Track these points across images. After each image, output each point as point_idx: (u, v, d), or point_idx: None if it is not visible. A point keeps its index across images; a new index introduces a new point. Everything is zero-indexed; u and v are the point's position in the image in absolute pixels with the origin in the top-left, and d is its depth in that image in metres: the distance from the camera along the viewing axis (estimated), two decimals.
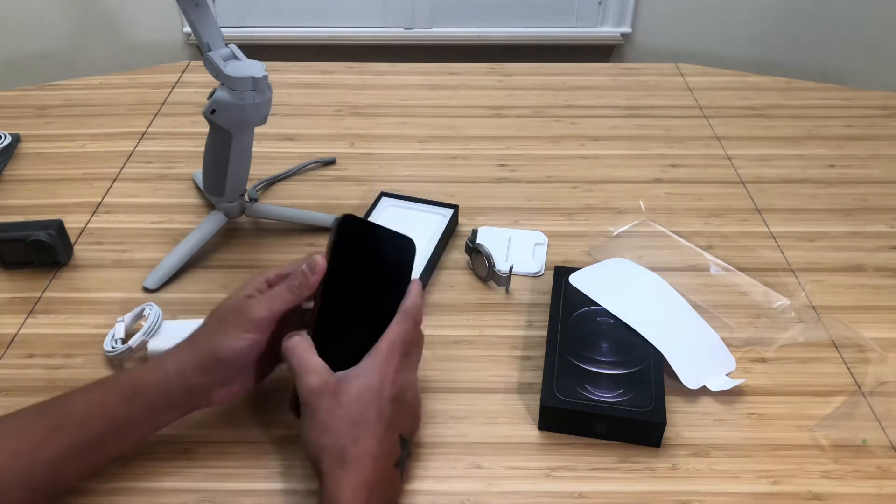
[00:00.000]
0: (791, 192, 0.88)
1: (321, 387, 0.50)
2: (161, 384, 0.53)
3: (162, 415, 0.53)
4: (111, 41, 2.07)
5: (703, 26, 2.06)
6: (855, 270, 0.76)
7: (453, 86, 1.10)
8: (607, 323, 0.66)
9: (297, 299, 0.54)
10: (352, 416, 0.50)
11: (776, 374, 0.65)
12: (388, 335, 0.53)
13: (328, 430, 0.49)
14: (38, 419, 0.51)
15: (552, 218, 0.83)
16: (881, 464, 0.57)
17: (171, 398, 0.53)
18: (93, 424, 0.51)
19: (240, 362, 0.53)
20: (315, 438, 0.50)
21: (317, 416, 0.50)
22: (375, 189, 0.85)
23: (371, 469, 0.49)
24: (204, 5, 0.67)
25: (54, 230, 0.73)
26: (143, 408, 0.52)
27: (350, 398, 0.50)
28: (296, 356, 0.51)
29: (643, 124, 1.01)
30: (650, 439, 0.58)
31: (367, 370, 0.51)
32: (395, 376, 0.52)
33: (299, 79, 1.12)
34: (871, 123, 1.01)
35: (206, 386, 0.53)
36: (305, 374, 0.50)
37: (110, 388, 0.53)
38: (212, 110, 0.69)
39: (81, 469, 0.52)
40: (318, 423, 0.50)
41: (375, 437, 0.50)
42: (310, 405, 0.50)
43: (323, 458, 0.49)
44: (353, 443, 0.49)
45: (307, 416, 0.50)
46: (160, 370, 0.53)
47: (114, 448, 0.53)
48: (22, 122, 1.00)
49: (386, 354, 0.52)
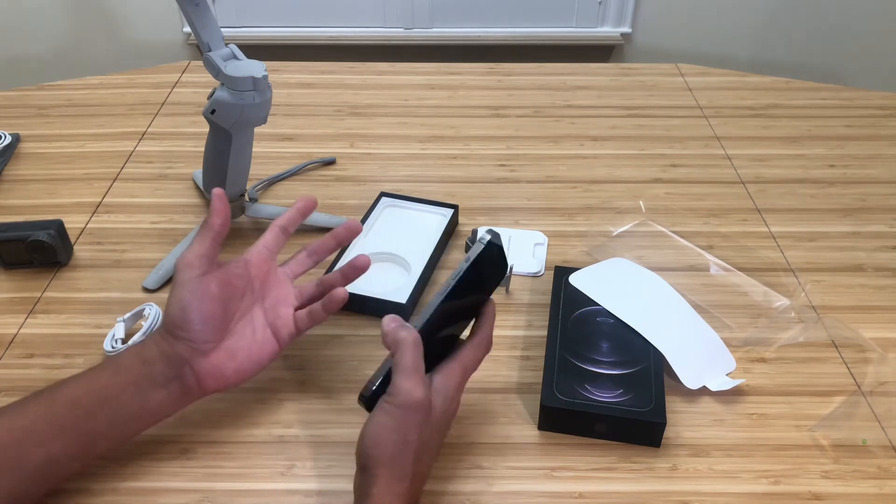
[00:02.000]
0: (791, 192, 0.88)
1: (424, 402, 0.49)
2: (140, 354, 0.54)
3: (149, 390, 0.53)
4: (111, 41, 2.07)
5: (703, 26, 2.06)
6: (855, 270, 0.76)
7: (453, 86, 1.10)
8: (607, 323, 0.66)
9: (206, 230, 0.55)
10: (428, 437, 0.49)
11: (776, 374, 0.65)
12: (464, 358, 0.53)
13: (406, 443, 0.48)
14: (32, 400, 0.51)
15: (552, 218, 0.83)
16: (881, 464, 0.57)
17: (151, 368, 0.53)
18: (82, 401, 0.51)
19: (193, 314, 0.53)
20: (388, 444, 0.48)
21: (404, 425, 0.48)
22: (375, 189, 0.85)
23: (419, 487, 0.50)
24: (204, 5, 0.67)
25: (54, 230, 0.73)
26: (127, 381, 0.53)
27: (436, 420, 0.50)
28: (410, 356, 0.49)
29: (643, 124, 1.01)
30: (650, 439, 0.58)
31: (446, 391, 0.51)
32: (457, 404, 0.53)
33: (299, 79, 1.12)
34: (870, 123, 1.01)
35: (181, 352, 0.53)
36: (416, 381, 0.49)
37: (100, 366, 0.54)
38: (212, 110, 0.69)
39: (72, 450, 0.51)
40: (402, 433, 0.48)
41: (432, 458, 0.51)
42: (403, 411, 0.48)
43: (386, 465, 0.48)
44: (417, 462, 0.49)
45: (391, 417, 0.48)
46: (139, 344, 0.55)
47: (105, 428, 0.52)
48: (22, 122, 1.00)
49: (461, 379, 0.52)
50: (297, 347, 0.67)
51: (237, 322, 0.57)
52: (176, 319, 0.53)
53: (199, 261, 0.54)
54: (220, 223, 0.56)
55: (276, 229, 0.61)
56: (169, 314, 0.54)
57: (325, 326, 0.69)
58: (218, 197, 0.56)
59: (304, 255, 0.62)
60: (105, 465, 0.56)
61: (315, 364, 0.65)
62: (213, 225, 0.56)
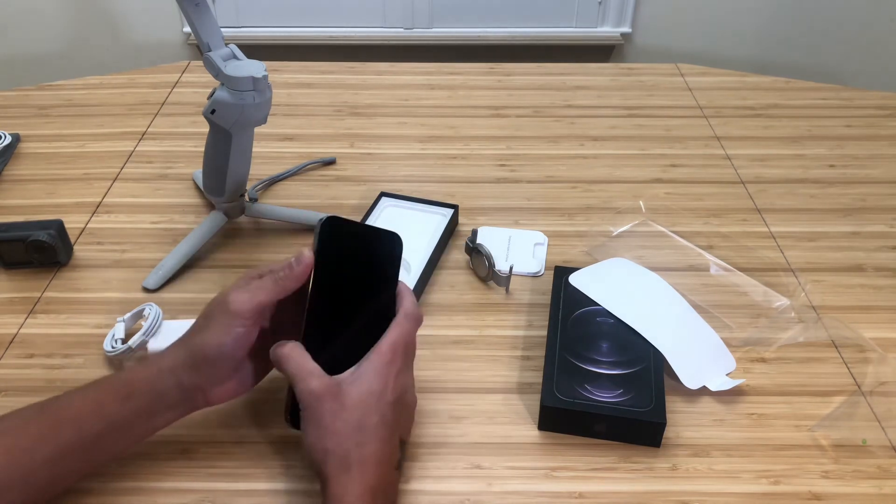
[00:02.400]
0: (791, 192, 0.88)
1: (323, 390, 0.49)
2: (154, 383, 0.52)
3: (158, 415, 0.53)
4: (111, 41, 2.07)
5: (703, 26, 2.06)
6: (855, 270, 0.76)
7: (453, 86, 1.10)
8: (607, 323, 0.66)
9: (282, 291, 0.53)
10: (356, 419, 0.49)
11: (776, 374, 0.65)
12: (389, 337, 0.52)
13: (333, 434, 0.49)
14: (36, 418, 0.51)
15: (552, 218, 0.83)
16: (881, 464, 0.57)
17: (164, 397, 0.52)
18: (89, 424, 0.51)
19: (229, 358, 0.53)
20: (318, 443, 0.49)
21: (320, 420, 0.49)
22: (375, 189, 0.85)
23: (375, 473, 0.49)
24: (204, 5, 0.67)
25: (54, 230, 0.73)
26: (138, 408, 0.52)
27: (353, 401, 0.50)
28: (292, 361, 0.50)
29: (643, 124, 1.01)
30: (650, 439, 0.58)
31: (369, 373, 0.51)
32: (396, 378, 0.52)
33: (299, 79, 1.12)
34: (870, 123, 1.01)
35: (199, 384, 0.53)
36: (306, 378, 0.50)
37: (106, 388, 0.52)
38: (212, 110, 0.69)
39: (78, 468, 0.52)
40: (322, 428, 0.49)
41: (379, 441, 0.50)
42: (312, 409, 0.49)
43: (327, 462, 0.48)
44: (357, 447, 0.49)
45: (309, 421, 0.50)
46: (153, 369, 0.53)
47: (111, 448, 0.53)
48: (22, 122, 1.00)
49: (388, 356, 0.52)
50: None
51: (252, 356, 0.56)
52: (209, 358, 0.52)
53: (253, 313, 0.52)
54: (293, 287, 0.53)
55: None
56: (203, 350, 0.52)
57: None
58: (307, 265, 0.53)
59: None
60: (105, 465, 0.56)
61: None
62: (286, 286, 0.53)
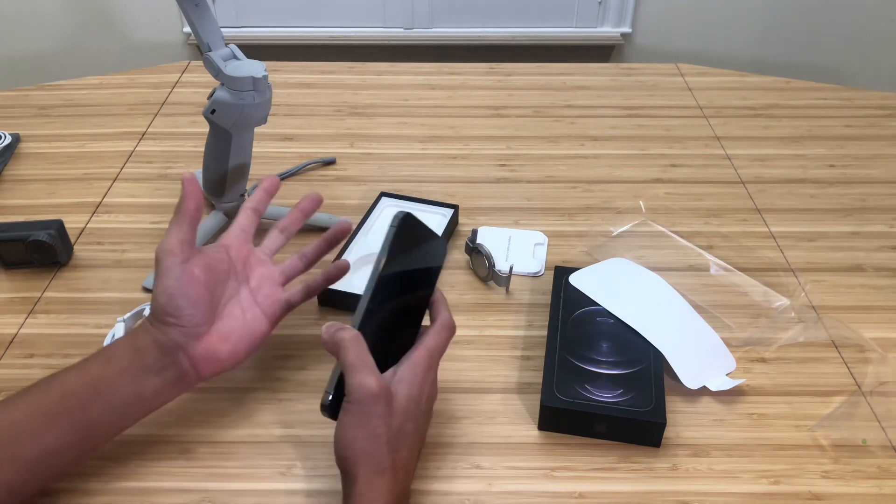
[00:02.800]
0: (791, 192, 0.88)
1: (380, 391, 0.48)
2: (131, 343, 0.54)
3: (142, 378, 0.53)
4: (111, 41, 2.07)
5: (703, 26, 2.06)
6: (855, 270, 0.76)
7: (453, 86, 1.10)
8: (607, 323, 0.66)
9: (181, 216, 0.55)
10: (398, 424, 0.49)
11: (776, 374, 0.65)
12: (427, 344, 0.52)
13: (376, 437, 0.48)
14: (25, 393, 0.51)
15: (552, 218, 0.83)
16: (881, 464, 0.57)
17: (143, 356, 0.53)
18: (74, 392, 0.51)
19: (181, 300, 0.53)
20: (358, 441, 0.48)
21: (368, 419, 0.48)
22: (375, 189, 0.85)
23: (403, 480, 0.49)
24: (204, 5, 0.67)
25: (54, 230, 0.73)
26: (119, 370, 0.53)
27: (400, 407, 0.49)
28: (353, 351, 0.49)
29: (643, 124, 1.01)
30: (650, 439, 0.58)
31: (409, 378, 0.51)
32: (430, 388, 0.52)
33: (299, 79, 1.12)
34: (870, 123, 1.01)
35: (173, 338, 0.53)
36: (365, 374, 0.49)
37: (91, 358, 0.54)
38: (212, 110, 0.69)
39: (68, 442, 0.51)
40: (367, 427, 0.48)
41: (410, 448, 0.50)
42: (362, 405, 0.48)
43: (361, 462, 0.48)
44: (393, 453, 0.49)
45: (354, 416, 0.48)
46: (131, 333, 0.55)
47: (99, 418, 0.52)
48: (22, 122, 1.00)
49: (426, 364, 0.52)
50: (296, 347, 0.67)
51: (225, 305, 0.57)
52: (165, 307, 0.53)
53: (179, 247, 0.54)
54: (194, 207, 0.56)
55: (247, 211, 0.62)
56: (157, 304, 0.54)
57: None
58: (189, 181, 0.56)
59: (276, 232, 0.63)
60: (105, 465, 0.56)
61: (315, 364, 0.65)
62: (188, 210, 0.55)
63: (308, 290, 0.61)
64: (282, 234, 0.63)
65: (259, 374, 0.64)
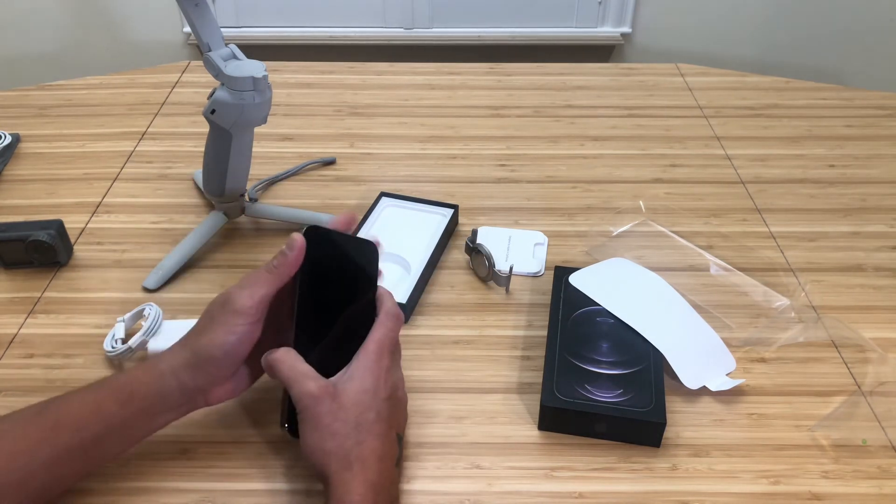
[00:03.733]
0: (791, 192, 0.88)
1: (321, 391, 0.49)
2: (156, 385, 0.52)
3: (158, 416, 0.53)
4: (111, 41, 2.07)
5: (703, 26, 2.06)
6: (855, 270, 0.76)
7: (453, 86, 1.10)
8: (607, 323, 0.66)
9: (279, 279, 0.53)
10: (353, 418, 0.50)
11: (776, 374, 0.65)
12: (374, 336, 0.53)
13: (332, 435, 0.49)
14: (35, 420, 0.50)
15: (552, 218, 0.83)
16: (881, 464, 0.57)
17: (166, 399, 0.52)
18: (89, 426, 0.50)
19: (232, 357, 0.52)
20: (319, 444, 0.49)
21: (319, 421, 0.49)
22: (375, 189, 0.85)
23: (376, 469, 0.49)
24: (204, 5, 0.67)
25: (54, 230, 0.73)
26: (138, 410, 0.52)
27: (350, 400, 0.50)
28: (285, 365, 0.50)
29: (643, 124, 1.01)
30: (650, 439, 0.58)
31: (360, 372, 0.51)
32: (386, 375, 0.52)
33: (299, 79, 1.12)
34: (870, 123, 1.01)
35: (201, 385, 0.53)
36: (302, 381, 0.50)
37: (106, 390, 0.52)
38: (212, 110, 0.69)
39: (78, 470, 0.52)
40: (322, 428, 0.49)
41: (377, 437, 0.50)
42: (310, 411, 0.49)
43: (329, 462, 0.49)
44: (357, 445, 0.49)
45: (308, 423, 0.50)
46: (155, 371, 0.52)
47: (110, 449, 0.53)
48: (22, 122, 1.00)
49: (376, 355, 0.52)
50: None
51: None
52: (213, 359, 0.52)
53: (257, 308, 0.52)
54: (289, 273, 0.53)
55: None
56: (208, 351, 0.52)
57: None
58: (299, 249, 0.53)
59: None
60: (105, 464, 0.56)
61: None
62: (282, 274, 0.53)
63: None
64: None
65: None
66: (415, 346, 0.67)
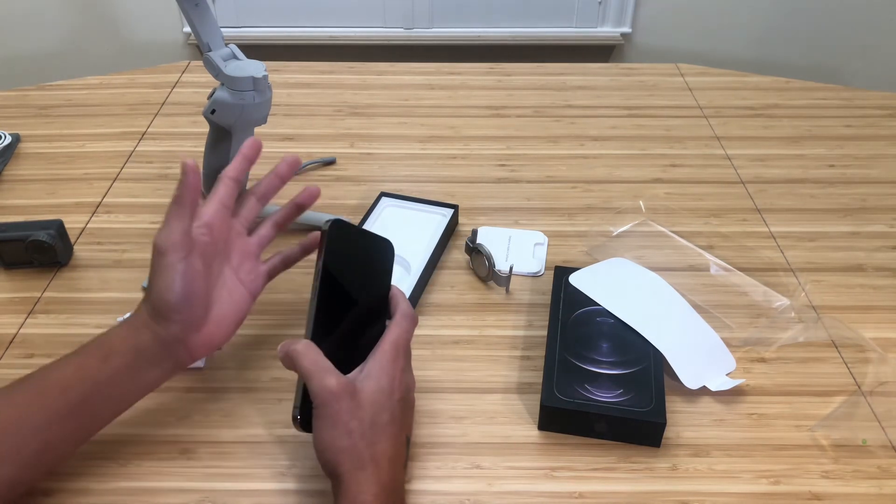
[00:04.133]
0: (791, 192, 0.88)
1: (341, 388, 0.49)
2: (133, 340, 0.53)
3: (142, 372, 0.53)
4: (111, 41, 2.07)
5: (703, 26, 2.06)
6: (855, 270, 0.76)
7: (453, 86, 1.10)
8: (607, 323, 0.66)
9: (188, 208, 0.54)
10: (369, 418, 0.49)
11: (776, 374, 0.65)
12: (390, 336, 0.53)
13: (348, 433, 0.48)
14: (21, 387, 0.51)
15: (552, 218, 0.83)
16: (881, 464, 0.57)
17: (144, 353, 0.53)
18: (73, 386, 0.51)
19: (188, 297, 0.53)
20: (334, 441, 0.49)
21: (337, 418, 0.49)
22: (375, 189, 0.85)
23: (388, 471, 0.49)
24: (204, 5, 0.67)
25: (54, 230, 0.73)
26: (120, 366, 0.52)
27: (367, 400, 0.50)
28: (307, 358, 0.50)
29: (643, 124, 1.01)
30: (650, 439, 0.58)
31: (376, 371, 0.51)
32: (401, 376, 0.52)
33: (299, 79, 1.12)
34: (870, 123, 1.01)
35: (175, 333, 0.53)
36: (323, 376, 0.49)
37: (87, 351, 0.53)
38: (212, 110, 0.69)
39: (68, 435, 0.52)
40: (339, 426, 0.49)
41: (390, 438, 0.50)
42: (328, 407, 0.49)
43: (342, 461, 0.48)
44: (371, 446, 0.49)
45: (324, 419, 0.49)
46: (131, 326, 0.53)
47: (99, 411, 0.53)
48: (22, 122, 1.00)
49: (392, 355, 0.52)
50: None
51: (213, 288, 0.56)
52: (171, 304, 0.52)
53: (182, 240, 0.53)
54: (195, 195, 0.54)
55: (226, 181, 0.59)
56: (161, 300, 0.53)
57: None
58: (190, 169, 0.54)
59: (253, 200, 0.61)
60: (105, 465, 0.56)
61: None
62: (189, 198, 0.54)
63: (286, 259, 0.62)
64: (273, 228, 0.62)
65: (259, 374, 0.64)
66: (415, 346, 0.67)
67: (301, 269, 0.76)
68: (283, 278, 0.74)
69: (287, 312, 0.70)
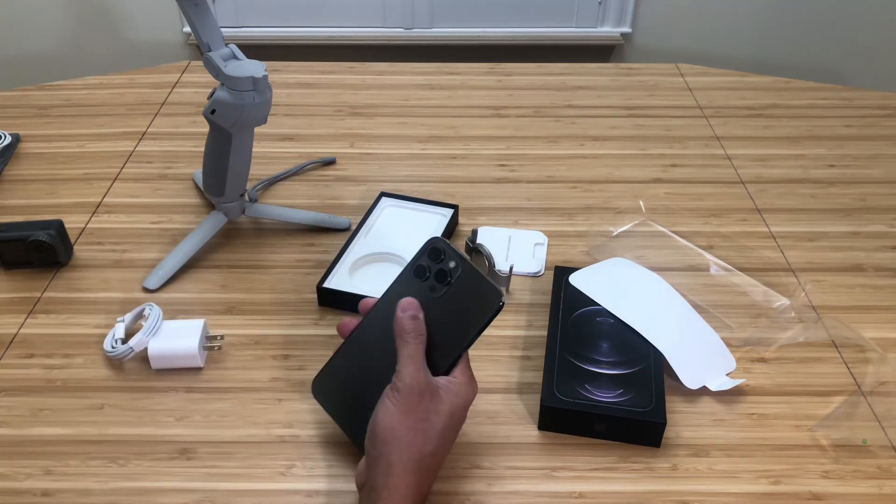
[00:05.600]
0: (791, 192, 0.88)
1: (425, 387, 0.49)
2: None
3: None
4: (111, 41, 2.07)
5: (703, 26, 2.06)
6: (855, 270, 0.76)
7: (453, 86, 1.10)
8: (607, 323, 0.66)
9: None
10: (440, 428, 0.49)
11: (776, 374, 0.65)
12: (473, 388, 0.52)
13: (419, 430, 0.48)
14: None
15: (552, 218, 0.83)
16: (881, 464, 0.57)
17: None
18: None
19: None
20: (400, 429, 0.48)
21: (414, 410, 0.48)
22: (375, 189, 0.85)
23: (429, 484, 0.49)
24: (204, 5, 0.67)
25: (54, 230, 0.73)
26: None
27: (444, 409, 0.49)
28: (416, 346, 0.50)
29: (643, 124, 1.01)
30: (650, 439, 0.58)
31: (462, 390, 0.51)
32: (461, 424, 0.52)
33: (299, 79, 1.12)
34: (870, 123, 1.01)
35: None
36: (417, 368, 0.49)
37: None
38: (212, 110, 0.69)
39: None
40: (412, 418, 0.48)
41: (443, 456, 0.50)
42: (411, 396, 0.48)
43: (401, 451, 0.47)
44: (432, 455, 0.48)
45: (400, 403, 0.48)
46: None
47: None
48: (22, 122, 1.00)
49: (468, 401, 0.51)
50: (296, 347, 0.67)
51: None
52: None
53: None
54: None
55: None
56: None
57: (325, 327, 0.69)
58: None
59: None
60: (105, 465, 0.56)
61: (315, 364, 0.65)
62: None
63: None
64: None
65: (259, 374, 0.64)
66: None
67: (301, 269, 0.76)
68: (283, 278, 0.74)
69: (287, 312, 0.70)
